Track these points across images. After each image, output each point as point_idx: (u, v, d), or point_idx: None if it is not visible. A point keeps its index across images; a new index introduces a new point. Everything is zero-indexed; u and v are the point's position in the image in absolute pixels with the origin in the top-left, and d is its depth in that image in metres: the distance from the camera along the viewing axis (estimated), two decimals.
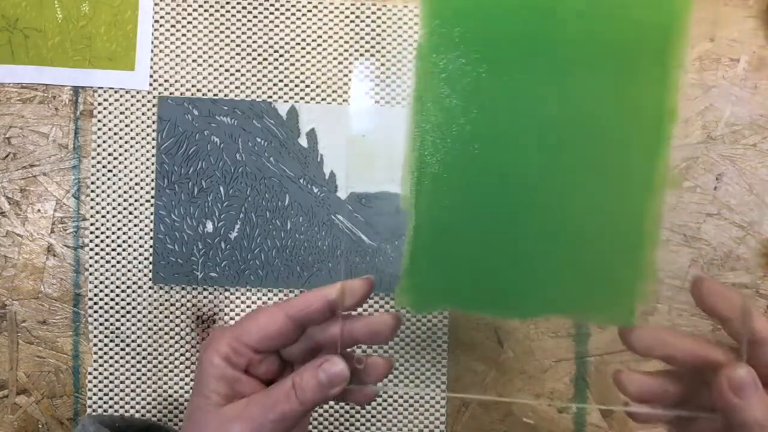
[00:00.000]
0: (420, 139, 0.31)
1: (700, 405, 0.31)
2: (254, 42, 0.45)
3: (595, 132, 0.30)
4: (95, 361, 0.44)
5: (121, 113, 0.44)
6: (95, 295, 0.44)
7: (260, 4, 0.45)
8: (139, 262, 0.44)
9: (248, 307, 0.44)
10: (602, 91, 0.30)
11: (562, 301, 0.31)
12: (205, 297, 0.44)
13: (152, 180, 0.44)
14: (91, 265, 0.44)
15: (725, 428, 0.30)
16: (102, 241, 0.44)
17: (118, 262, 0.44)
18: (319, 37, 0.45)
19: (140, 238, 0.44)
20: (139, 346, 0.44)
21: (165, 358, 0.44)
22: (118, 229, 0.44)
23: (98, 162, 0.44)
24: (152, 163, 0.44)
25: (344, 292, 0.33)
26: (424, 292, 0.32)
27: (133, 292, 0.44)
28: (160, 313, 0.44)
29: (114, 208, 0.44)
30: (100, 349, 0.44)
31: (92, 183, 0.44)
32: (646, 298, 0.30)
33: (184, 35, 0.45)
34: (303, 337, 0.35)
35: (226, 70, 0.45)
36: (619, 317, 0.30)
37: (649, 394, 0.31)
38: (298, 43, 0.45)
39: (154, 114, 0.44)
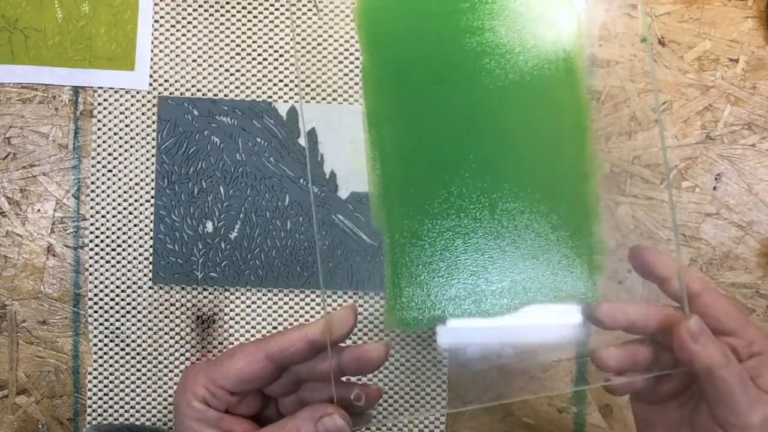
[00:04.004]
0: (380, 158, 0.33)
1: (663, 367, 0.34)
2: (254, 42, 0.45)
3: (531, 133, 0.35)
4: (95, 361, 0.44)
5: (121, 113, 0.44)
6: (95, 295, 0.44)
7: (260, 4, 0.45)
8: (139, 262, 0.44)
9: (248, 307, 0.44)
10: (528, 96, 0.35)
11: (530, 290, 0.34)
12: (205, 297, 0.44)
13: (152, 180, 0.44)
14: (91, 265, 0.44)
15: (682, 385, 0.34)
16: (102, 241, 0.44)
17: (118, 262, 0.44)
18: (320, 36, 0.45)
19: (140, 238, 0.44)
20: (139, 346, 0.44)
21: (165, 358, 0.44)
22: (118, 229, 0.44)
23: (98, 162, 0.44)
24: (152, 163, 0.44)
25: (331, 329, 0.32)
26: (408, 309, 0.33)
27: (133, 292, 0.44)
28: (160, 313, 0.44)
29: (114, 208, 0.44)
30: (100, 349, 0.44)
31: (92, 183, 0.44)
32: (602, 274, 0.34)
33: (184, 35, 0.45)
34: (284, 373, 0.34)
35: (226, 70, 0.45)
36: (584, 296, 0.34)
37: (624, 364, 0.34)
38: (298, 43, 0.45)
39: (154, 114, 0.44)
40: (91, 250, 0.44)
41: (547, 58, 0.34)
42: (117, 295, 0.44)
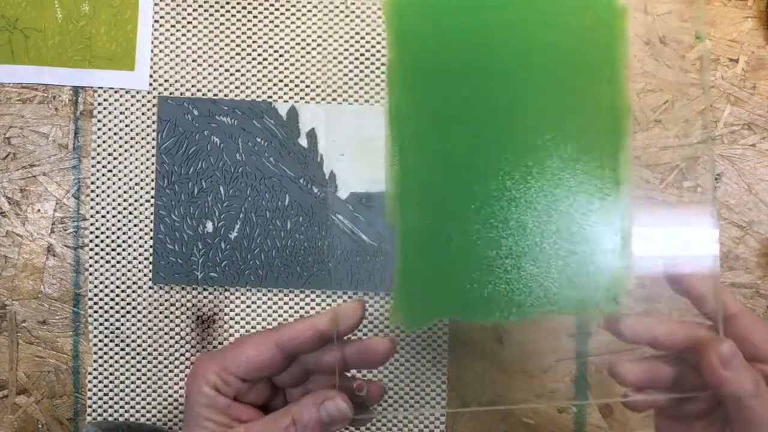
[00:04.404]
0: (399, 154, 0.32)
1: (688, 386, 0.32)
2: (254, 42, 0.45)
3: (562, 136, 0.33)
4: (95, 361, 0.44)
5: (121, 113, 0.44)
6: (95, 295, 0.44)
7: (260, 4, 0.45)
8: (139, 262, 0.44)
9: (248, 306, 0.44)
10: (562, 94, 0.33)
11: (550, 298, 0.32)
12: (205, 297, 0.44)
13: (152, 180, 0.44)
14: (91, 265, 0.44)
15: (709, 407, 0.32)
16: (102, 241, 0.44)
17: (118, 262, 0.44)
18: (319, 36, 0.45)
19: (140, 238, 0.44)
20: (139, 346, 0.44)
21: (165, 358, 0.44)
22: (118, 229, 0.44)
23: (98, 162, 0.44)
24: (152, 163, 0.44)
25: (337, 320, 0.32)
26: (417, 307, 0.33)
27: (133, 292, 0.44)
28: (160, 313, 0.44)
29: (114, 208, 0.44)
30: (100, 349, 0.44)
31: (92, 183, 0.44)
32: (627, 287, 0.32)
33: (184, 35, 0.45)
34: (294, 363, 0.34)
35: (226, 70, 0.45)
36: (604, 307, 0.32)
37: (644, 380, 0.33)
38: (298, 43, 0.45)
39: (154, 114, 0.44)
40: (91, 250, 0.44)
41: (585, 57, 0.33)
42: (117, 295, 0.44)
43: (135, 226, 0.44)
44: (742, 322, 0.32)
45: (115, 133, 0.44)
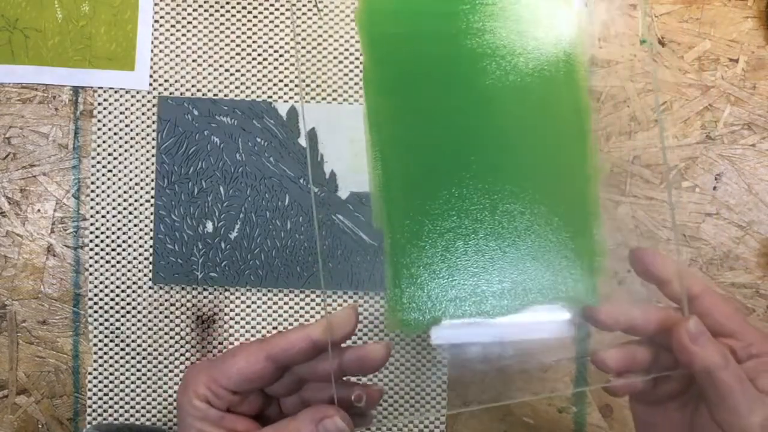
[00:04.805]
0: (381, 159, 0.33)
1: (661, 368, 0.34)
2: (254, 42, 0.45)
3: (532, 135, 0.35)
4: (95, 361, 0.44)
5: (121, 113, 0.44)
6: (95, 295, 0.44)
7: (260, 4, 0.45)
8: (139, 262, 0.44)
9: (248, 307, 0.44)
10: (529, 98, 0.35)
11: (535, 292, 0.34)
12: (205, 297, 0.44)
13: (152, 180, 0.44)
14: (91, 265, 0.44)
15: (682, 387, 0.34)
16: (102, 241, 0.44)
17: (118, 262, 0.44)
18: (319, 36, 0.45)
19: (140, 238, 0.44)
20: (139, 346, 0.44)
21: (165, 358, 0.44)
22: (118, 229, 0.44)
23: (98, 162, 0.44)
24: (152, 163, 0.44)
25: (332, 329, 0.32)
26: (412, 310, 0.33)
27: (133, 292, 0.44)
28: (160, 313, 0.44)
29: (114, 208, 0.44)
30: (100, 349, 0.44)
31: (92, 183, 0.44)
32: (602, 276, 0.34)
33: (184, 35, 0.45)
34: (286, 373, 0.34)
35: (226, 70, 0.45)
36: (584, 297, 0.34)
37: (624, 365, 0.34)
38: (298, 43, 0.45)
39: (154, 114, 0.44)
40: (91, 250, 0.44)
41: (547, 60, 0.35)
42: (117, 295, 0.44)
43: (135, 226, 0.44)
44: (704, 301, 0.33)
45: (115, 133, 0.44)
